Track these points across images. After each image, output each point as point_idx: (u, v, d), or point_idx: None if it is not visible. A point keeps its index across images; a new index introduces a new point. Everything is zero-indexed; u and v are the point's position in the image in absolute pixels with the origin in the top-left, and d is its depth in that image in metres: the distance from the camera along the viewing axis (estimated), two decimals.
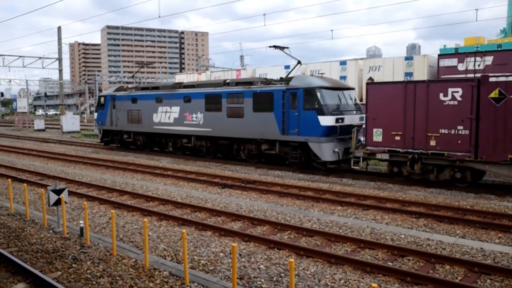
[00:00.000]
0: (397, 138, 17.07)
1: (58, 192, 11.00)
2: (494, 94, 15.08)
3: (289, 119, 20.27)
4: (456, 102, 15.66)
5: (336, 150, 19.10)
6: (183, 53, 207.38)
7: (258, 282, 8.10)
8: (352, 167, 18.49)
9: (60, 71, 49.48)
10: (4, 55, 47.14)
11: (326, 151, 19.10)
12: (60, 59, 48.76)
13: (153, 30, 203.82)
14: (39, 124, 56.75)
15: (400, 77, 24.40)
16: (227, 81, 24.40)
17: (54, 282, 7.52)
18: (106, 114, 31.03)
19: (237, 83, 23.40)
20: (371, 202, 14.25)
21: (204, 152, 25.56)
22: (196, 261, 9.11)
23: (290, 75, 22.75)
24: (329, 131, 19.15)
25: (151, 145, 29.31)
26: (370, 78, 26.16)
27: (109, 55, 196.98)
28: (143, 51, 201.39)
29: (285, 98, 20.36)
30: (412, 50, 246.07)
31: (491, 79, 15.01)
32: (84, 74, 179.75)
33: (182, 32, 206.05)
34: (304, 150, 20.23)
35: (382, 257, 9.40)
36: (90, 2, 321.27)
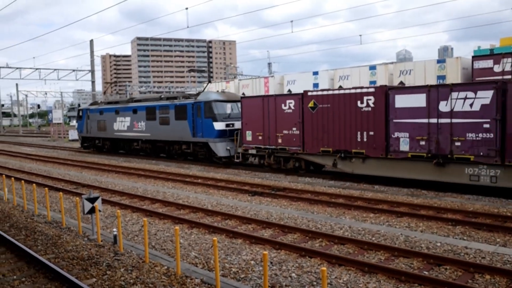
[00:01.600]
0: (260, 137, 22.62)
1: (92, 200, 11.22)
2: (311, 104, 20.15)
3: (197, 125, 26.24)
4: (291, 111, 21.05)
5: (228, 148, 24.96)
6: (211, 62, 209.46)
7: None
8: (235, 160, 24.36)
9: (93, 82, 50.70)
10: (40, 69, 48.69)
11: (220, 148, 25.02)
12: (92, 71, 50.00)
13: (182, 40, 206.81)
14: (73, 134, 58.15)
15: (432, 81, 23.95)
16: (161, 96, 30.97)
17: None
18: (83, 124, 38.08)
19: (167, 98, 29.74)
20: (405, 209, 13.97)
21: (148, 152, 31.62)
22: (227, 269, 9.11)
23: (205, 90, 28.83)
24: (222, 134, 25.03)
25: (115, 148, 35.62)
26: (401, 83, 25.79)
27: (139, 66, 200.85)
28: (172, 61, 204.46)
29: (194, 109, 26.44)
30: (444, 53, 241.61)
31: (309, 93, 20.32)
32: (115, 85, 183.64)
33: (210, 41, 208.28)
34: (207, 149, 26.11)
35: (418, 266, 9.17)
36: (121, 15, 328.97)
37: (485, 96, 15.07)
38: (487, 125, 15.13)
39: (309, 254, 9.95)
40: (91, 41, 48.83)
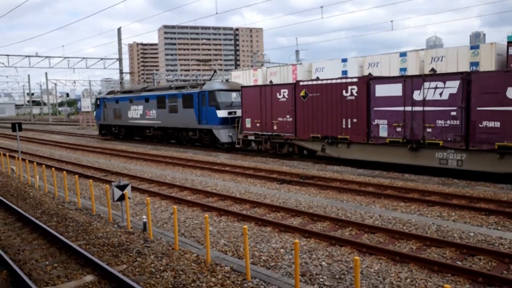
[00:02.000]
0: (258, 124, 24.24)
1: (122, 188, 11.32)
2: (302, 93, 21.50)
3: (202, 113, 27.97)
4: (285, 99, 22.55)
5: (230, 134, 26.64)
6: (238, 50, 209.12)
7: (321, 279, 7.94)
8: (236, 146, 26.01)
9: (121, 71, 51.21)
10: (69, 57, 49.46)
11: (223, 135, 26.83)
12: (120, 59, 50.47)
13: (208, 28, 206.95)
14: None
15: (465, 67, 23.22)
16: (170, 85, 32.92)
17: (120, 275, 7.72)
18: (100, 112, 40.32)
19: (176, 87, 31.53)
20: (436, 198, 13.66)
21: (159, 139, 33.44)
22: (257, 257, 9.06)
23: (212, 79, 31.32)
24: (224, 121, 26.79)
25: (130, 135, 37.66)
26: (433, 69, 25.12)
27: (166, 54, 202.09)
28: (198, 49, 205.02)
29: (199, 98, 28.13)
30: (476, 39, 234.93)
31: (301, 83, 21.79)
32: (143, 73, 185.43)
33: (237, 29, 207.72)
34: (211, 135, 27.79)
35: (450, 256, 8.94)
36: (148, 3, 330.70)
37: (453, 86, 16.27)
38: (454, 113, 16.33)
39: (340, 242, 9.82)
40: (119, 30, 49.23)
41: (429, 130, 17.06)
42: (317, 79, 22.91)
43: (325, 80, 21.44)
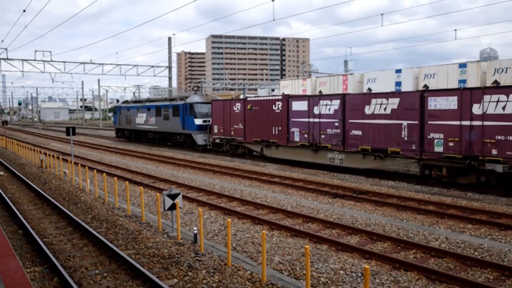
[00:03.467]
0: (222, 130, 30.34)
1: (173, 197, 10.96)
2: (249, 106, 27.62)
3: (185, 121, 34.49)
4: (238, 111, 28.59)
5: (205, 138, 33.03)
6: (284, 60, 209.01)
7: None
8: (207, 147, 32.64)
9: (170, 78, 51.78)
10: (121, 65, 50.44)
11: (199, 138, 33.31)
12: (170, 67, 51.06)
13: (255, 37, 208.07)
14: None
15: None
16: (166, 98, 41.71)
17: None
18: (116, 118, 47.97)
19: (170, 99, 39.06)
20: (508, 221, 12.51)
21: (157, 142, 40.50)
22: (316, 278, 8.41)
23: (193, 95, 36.74)
24: (200, 128, 33.37)
25: (138, 138, 44.20)
26: (496, 82, 23.71)
27: (213, 63, 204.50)
28: (245, 59, 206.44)
29: (183, 108, 34.61)
30: None
31: (248, 99, 28.62)
32: (190, 82, 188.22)
33: (283, 39, 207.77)
34: (191, 139, 34.19)
35: None
36: (197, 13, 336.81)
37: (336, 104, 21.89)
38: (336, 124, 21.87)
39: (404, 266, 9.01)
40: (169, 39, 49.85)
41: (323, 136, 22.67)
42: (259, 96, 30.50)
43: (263, 97, 28.88)
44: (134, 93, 70.32)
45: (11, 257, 6.37)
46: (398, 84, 29.15)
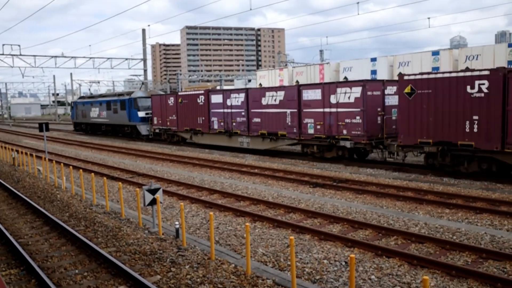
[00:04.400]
0: (160, 121, 34.34)
1: (153, 191, 10.81)
2: (180, 100, 31.52)
3: (130, 113, 38.44)
4: (172, 104, 32.56)
5: (148, 129, 36.90)
6: (260, 50, 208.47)
7: None
8: (149, 137, 36.89)
9: (145, 71, 51.07)
10: (94, 58, 49.48)
11: (143, 129, 37.39)
12: (144, 60, 50.33)
13: (230, 28, 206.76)
14: None
15: (503, 65, 22.12)
16: (115, 93, 46.42)
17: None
18: (74, 113, 52.28)
19: (118, 94, 43.06)
20: (483, 204, 12.79)
21: (110, 133, 44.08)
22: (300, 269, 8.42)
23: (138, 90, 42.55)
24: (143, 119, 37.50)
25: (93, 130, 48.02)
26: (467, 68, 24.06)
27: (188, 55, 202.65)
28: (220, 50, 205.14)
29: (129, 102, 38.60)
30: (501, 38, 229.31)
31: (180, 93, 32.58)
32: (165, 74, 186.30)
33: (259, 30, 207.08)
34: (136, 129, 38.03)
35: None
36: (171, 4, 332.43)
37: (242, 96, 26.48)
38: (243, 113, 26.27)
39: (387, 253, 9.10)
40: (143, 30, 49.08)
41: (234, 124, 26.90)
42: (191, 89, 36.21)
43: (190, 91, 33.17)
44: (89, 89, 75.75)
45: None
46: (373, 72, 29.36)
